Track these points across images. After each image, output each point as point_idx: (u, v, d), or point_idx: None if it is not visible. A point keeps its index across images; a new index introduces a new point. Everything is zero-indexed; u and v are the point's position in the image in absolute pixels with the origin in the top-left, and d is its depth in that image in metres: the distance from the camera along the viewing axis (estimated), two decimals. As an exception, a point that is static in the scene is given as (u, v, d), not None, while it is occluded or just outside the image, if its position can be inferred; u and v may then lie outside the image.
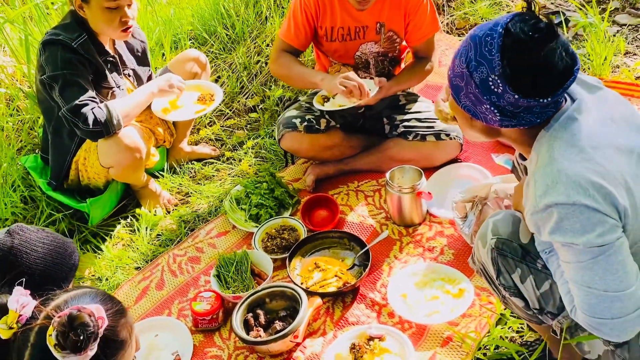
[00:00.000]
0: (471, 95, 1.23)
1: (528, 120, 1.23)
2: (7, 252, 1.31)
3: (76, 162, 2.39)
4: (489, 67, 1.18)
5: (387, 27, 2.34)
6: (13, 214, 2.45)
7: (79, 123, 2.15)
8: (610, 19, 3.22)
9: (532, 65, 1.17)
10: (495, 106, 1.21)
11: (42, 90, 2.27)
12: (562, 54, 1.17)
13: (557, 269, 1.32)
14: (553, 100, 1.21)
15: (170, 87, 2.41)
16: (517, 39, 1.16)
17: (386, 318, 1.91)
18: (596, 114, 1.27)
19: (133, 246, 2.38)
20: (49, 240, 1.35)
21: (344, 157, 2.51)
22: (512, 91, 1.18)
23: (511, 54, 1.16)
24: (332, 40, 2.38)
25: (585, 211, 1.16)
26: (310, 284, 2.01)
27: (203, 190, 2.60)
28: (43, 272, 1.31)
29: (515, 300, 1.44)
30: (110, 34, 2.29)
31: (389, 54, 2.43)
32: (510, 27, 1.17)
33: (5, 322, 1.06)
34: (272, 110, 2.99)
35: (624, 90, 2.65)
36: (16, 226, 1.37)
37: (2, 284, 1.25)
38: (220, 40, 3.22)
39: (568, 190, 1.17)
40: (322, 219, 2.34)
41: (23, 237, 1.34)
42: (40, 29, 2.84)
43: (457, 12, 3.48)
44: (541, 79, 1.17)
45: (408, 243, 2.16)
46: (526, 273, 1.38)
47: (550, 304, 1.38)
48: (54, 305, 1.09)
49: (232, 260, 2.10)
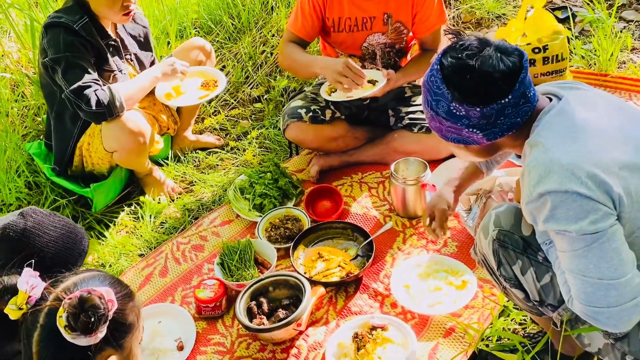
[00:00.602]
0: (449, 129, 1.33)
1: (509, 123, 1.29)
2: (20, 234, 1.31)
3: (80, 147, 2.39)
4: (444, 99, 1.30)
5: (395, 18, 2.34)
6: (17, 199, 2.46)
7: (82, 104, 2.15)
8: (617, 14, 3.21)
9: (474, 78, 1.25)
10: (471, 126, 1.29)
11: (45, 73, 2.27)
12: (498, 56, 1.25)
13: (555, 260, 1.33)
14: (517, 96, 1.25)
15: (173, 72, 2.41)
16: (450, 66, 1.28)
17: (389, 308, 1.92)
18: (585, 106, 1.30)
19: (137, 233, 2.38)
20: (61, 224, 1.36)
21: (349, 149, 2.51)
22: (472, 106, 1.26)
23: (452, 79, 1.28)
24: (340, 31, 2.37)
25: (578, 199, 1.18)
26: (314, 273, 2.02)
27: (207, 179, 2.60)
28: (54, 256, 1.31)
29: (516, 292, 1.45)
30: (112, 17, 2.29)
31: (396, 45, 2.43)
32: (442, 60, 1.30)
33: (15, 303, 1.07)
34: (276, 101, 2.99)
35: (629, 86, 2.65)
36: (29, 209, 1.37)
37: (13, 264, 1.25)
38: (226, 30, 3.22)
39: (561, 179, 1.19)
40: (325, 210, 2.34)
41: (36, 219, 1.34)
42: (45, 14, 2.83)
43: (463, 6, 3.47)
44: (488, 84, 1.25)
45: (411, 235, 2.17)
46: (527, 265, 1.39)
47: (550, 296, 1.39)
48: (64, 287, 1.10)
49: (236, 248, 2.11)
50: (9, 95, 2.74)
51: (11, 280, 1.10)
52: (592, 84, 2.72)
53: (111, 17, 2.29)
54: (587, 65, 2.85)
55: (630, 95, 2.60)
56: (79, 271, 1.17)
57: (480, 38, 1.30)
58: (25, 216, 1.34)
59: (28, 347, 1.08)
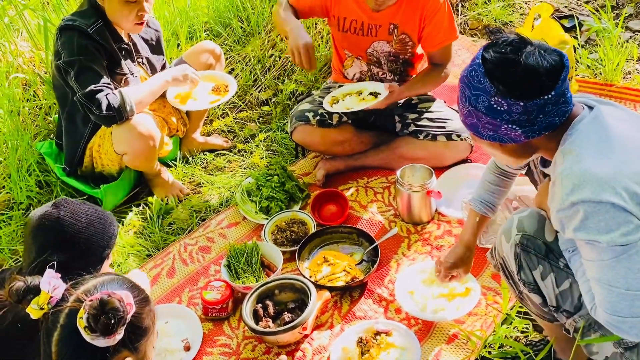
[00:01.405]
0: (487, 125, 1.32)
1: (547, 122, 1.28)
2: (55, 222, 1.41)
3: (90, 148, 2.42)
4: (485, 93, 1.28)
5: (400, 29, 2.36)
6: (28, 197, 2.49)
7: (93, 108, 2.19)
8: (624, 24, 3.23)
9: (518, 72, 1.25)
10: (511, 122, 1.28)
11: (58, 75, 2.30)
12: (541, 53, 1.26)
13: (579, 268, 1.35)
14: (558, 94, 1.26)
15: (184, 78, 2.44)
16: (494, 60, 1.28)
17: (393, 314, 1.95)
18: (616, 118, 1.32)
19: (145, 234, 2.41)
20: (91, 211, 1.45)
21: (355, 153, 2.54)
22: (515, 101, 1.26)
23: (496, 73, 1.27)
24: (345, 31, 2.40)
25: (611, 209, 1.20)
26: (319, 277, 2.05)
27: (214, 181, 2.63)
28: (87, 240, 1.39)
29: (533, 297, 1.47)
30: (125, 26, 2.33)
31: (401, 55, 2.45)
32: (484, 55, 1.29)
33: (37, 303, 1.10)
34: (284, 104, 3.02)
35: (634, 96, 2.67)
36: (61, 199, 1.47)
37: (50, 252, 1.32)
38: (235, 33, 3.25)
39: (596, 189, 1.20)
40: (331, 214, 2.37)
41: (68, 208, 1.44)
42: (58, 15, 2.87)
43: (470, 13, 3.49)
44: (533, 79, 1.25)
45: (416, 241, 2.19)
46: (547, 270, 1.41)
47: (567, 302, 1.42)
48: (84, 290, 1.13)
49: (243, 251, 2.14)
50: (20, 94, 2.78)
51: (34, 280, 1.14)
52: (597, 93, 2.74)
53: (125, 26, 2.33)
54: (592, 75, 2.87)
55: (635, 106, 2.62)
56: (99, 274, 1.20)
57: (521, 36, 1.30)
58: (58, 206, 1.44)
59: (47, 346, 1.11)
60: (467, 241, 1.81)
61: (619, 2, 3.43)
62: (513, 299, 1.82)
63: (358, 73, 2.56)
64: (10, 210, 2.50)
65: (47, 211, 1.43)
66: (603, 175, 1.21)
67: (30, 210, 2.49)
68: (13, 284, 1.14)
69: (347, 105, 2.32)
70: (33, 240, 1.41)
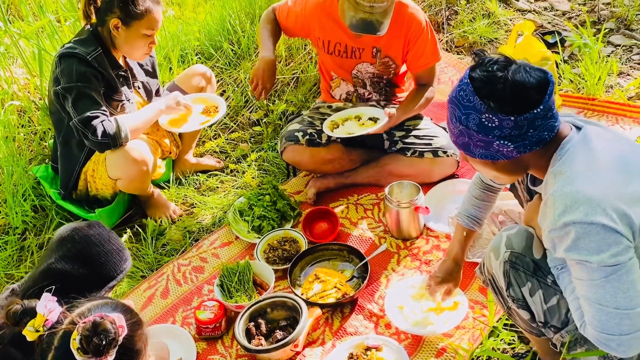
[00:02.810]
0: (479, 143, 1.35)
1: (538, 137, 1.32)
2: (83, 237, 1.48)
3: (85, 172, 2.47)
4: (476, 111, 1.31)
5: (384, 52, 2.43)
6: (24, 222, 2.53)
7: (88, 134, 2.24)
8: (605, 39, 3.31)
9: (507, 88, 1.29)
10: (503, 138, 1.32)
11: (55, 101, 2.35)
12: (526, 70, 1.31)
13: (567, 285, 1.38)
14: (546, 108, 1.30)
15: (177, 104, 2.50)
16: (482, 78, 1.31)
17: (383, 329, 1.98)
18: (602, 138, 1.36)
19: (139, 255, 2.45)
20: (115, 242, 1.53)
21: (344, 171, 2.59)
22: (506, 116, 1.29)
23: (485, 90, 1.30)
24: (329, 53, 2.47)
25: (602, 231, 1.23)
26: (311, 294, 2.08)
27: (207, 202, 2.67)
28: (101, 265, 1.45)
29: (522, 313, 1.50)
30: (134, 55, 2.41)
31: (384, 76, 2.52)
32: (472, 74, 1.33)
33: (33, 325, 1.14)
34: (275, 124, 3.07)
35: (616, 110, 2.73)
36: (95, 222, 1.56)
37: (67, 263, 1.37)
38: (226, 56, 3.32)
39: (587, 210, 1.24)
40: (322, 231, 2.41)
41: (98, 231, 1.51)
42: (52, 43, 2.93)
43: (456, 31, 3.57)
44: (521, 93, 1.29)
45: (405, 256, 2.23)
46: (536, 287, 1.44)
47: (555, 318, 1.45)
48: (79, 312, 1.17)
49: (235, 270, 2.17)
50: (15, 121, 2.83)
51: (30, 303, 1.17)
52: (580, 107, 2.80)
53: (134, 55, 2.41)
54: (575, 89, 2.93)
55: (617, 119, 2.68)
56: (93, 298, 1.24)
57: (505, 56, 1.35)
58: (91, 226, 1.51)
59: None
60: (455, 256, 1.85)
61: (601, 17, 3.52)
62: (499, 312, 1.86)
63: (344, 93, 2.62)
64: (5, 235, 2.54)
65: (80, 226, 1.51)
66: (594, 196, 1.25)
67: (27, 235, 2.53)
68: (11, 306, 1.18)
69: (348, 130, 2.38)
70: (57, 247, 1.45)
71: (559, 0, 3.81)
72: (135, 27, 2.28)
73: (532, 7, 3.74)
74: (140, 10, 2.25)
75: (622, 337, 1.26)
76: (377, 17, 2.16)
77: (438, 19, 3.66)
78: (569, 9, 3.69)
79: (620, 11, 3.49)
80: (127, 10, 2.24)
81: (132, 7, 2.24)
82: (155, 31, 2.34)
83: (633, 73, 3.07)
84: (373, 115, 2.44)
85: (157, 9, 2.31)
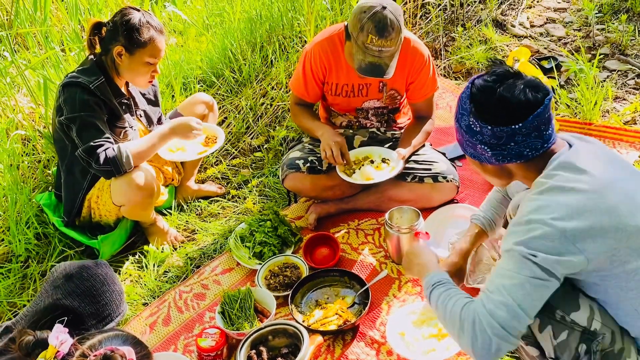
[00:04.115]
0: (468, 142, 1.48)
1: (517, 151, 1.40)
2: (91, 275, 1.55)
3: (89, 199, 2.49)
4: (466, 113, 1.45)
5: (389, 86, 2.48)
6: (27, 249, 2.54)
7: (93, 162, 2.27)
8: (601, 64, 3.37)
9: (493, 99, 1.40)
10: (484, 143, 1.43)
11: (59, 130, 2.39)
12: (522, 88, 1.38)
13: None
14: (529, 127, 1.37)
15: (186, 130, 2.49)
16: (479, 85, 1.44)
17: (385, 356, 1.97)
18: (589, 158, 1.42)
19: (141, 282, 2.46)
20: (119, 285, 1.56)
21: (345, 196, 2.61)
22: (485, 124, 1.40)
23: (476, 97, 1.44)
24: (337, 95, 2.52)
25: (558, 237, 1.31)
26: (312, 321, 2.08)
27: (209, 228, 2.69)
28: (104, 305, 1.48)
29: (530, 350, 1.51)
30: (137, 83, 2.45)
31: (390, 106, 2.57)
32: (475, 80, 1.46)
33: (44, 357, 1.15)
34: (276, 150, 3.11)
35: (613, 134, 2.76)
36: (104, 262, 1.62)
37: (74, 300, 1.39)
38: (228, 83, 3.37)
39: (554, 215, 1.32)
40: (323, 257, 2.42)
41: (104, 271, 1.59)
42: (57, 72, 2.99)
43: (453, 57, 3.63)
44: (503, 108, 1.38)
45: (406, 282, 2.24)
46: (545, 323, 1.45)
47: (565, 354, 1.45)
48: (89, 345, 1.19)
49: (236, 297, 2.18)
50: (20, 149, 2.86)
51: (42, 334, 1.19)
52: (577, 132, 2.84)
53: (136, 83, 2.45)
54: (572, 114, 2.97)
55: (614, 143, 2.71)
56: (104, 330, 1.26)
57: (514, 70, 1.44)
58: (99, 265, 1.56)
59: None
60: (460, 249, 1.90)
61: (595, 42, 3.58)
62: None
63: (345, 121, 2.66)
64: (8, 263, 2.55)
65: (89, 264, 1.55)
66: (566, 206, 1.33)
67: (29, 262, 2.54)
68: (23, 337, 1.20)
69: (367, 176, 2.38)
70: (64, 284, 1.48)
71: (554, 26, 3.89)
72: (138, 55, 2.33)
73: (528, 33, 3.81)
74: (144, 38, 2.31)
75: (491, 338, 1.32)
76: (385, 60, 2.22)
77: (436, 46, 3.73)
78: (564, 35, 3.76)
79: (614, 36, 3.56)
80: (131, 38, 2.30)
81: (136, 36, 2.30)
82: (158, 59, 2.39)
83: (629, 98, 3.11)
84: (385, 156, 2.47)
85: (160, 38, 2.37)
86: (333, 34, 2.41)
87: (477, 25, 3.88)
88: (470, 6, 3.99)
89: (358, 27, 2.17)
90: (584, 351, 1.42)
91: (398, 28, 2.17)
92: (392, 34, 2.15)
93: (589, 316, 1.42)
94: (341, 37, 2.37)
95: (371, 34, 2.14)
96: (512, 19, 3.97)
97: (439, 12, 3.82)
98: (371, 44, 2.16)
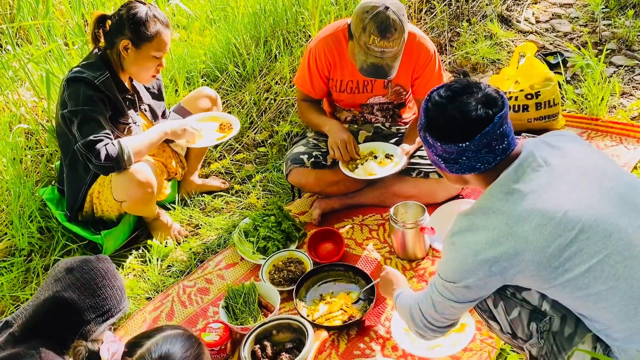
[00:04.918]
0: (428, 151, 1.52)
1: (469, 165, 1.43)
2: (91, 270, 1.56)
3: (91, 194, 2.48)
4: (421, 127, 1.49)
5: (395, 82, 2.46)
6: (30, 243, 2.53)
7: (92, 157, 2.26)
8: (607, 60, 3.34)
9: (443, 117, 1.42)
10: (437, 155, 1.47)
11: (62, 124, 2.38)
12: (475, 105, 1.39)
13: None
14: (478, 145, 1.38)
15: (183, 132, 2.49)
16: (433, 101, 1.46)
17: (390, 351, 1.96)
18: (542, 174, 1.39)
19: (144, 276, 2.45)
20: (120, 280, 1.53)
21: (349, 192, 2.60)
22: (436, 140, 1.43)
23: (430, 112, 1.46)
24: (342, 92, 2.50)
25: (480, 266, 1.38)
26: (316, 316, 2.07)
27: (212, 222, 2.68)
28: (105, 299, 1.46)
29: (493, 324, 1.57)
30: (141, 77, 2.44)
31: (395, 101, 2.55)
32: (432, 93, 1.47)
33: None
34: (280, 145, 3.09)
35: (620, 130, 2.74)
36: (105, 257, 1.63)
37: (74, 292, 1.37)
38: (231, 78, 3.36)
39: (471, 246, 1.40)
40: (327, 252, 2.41)
41: (105, 265, 1.59)
42: (60, 66, 2.97)
43: (458, 52, 3.61)
44: (453, 126, 1.40)
45: (411, 277, 2.23)
46: (497, 299, 1.51)
47: (519, 329, 1.49)
48: (139, 354, 1.18)
49: (240, 292, 2.17)
50: (23, 143, 2.85)
51: (94, 346, 1.19)
52: (583, 128, 2.82)
53: (141, 77, 2.43)
54: (578, 110, 2.95)
55: (621, 139, 2.69)
56: (152, 333, 1.25)
57: (472, 83, 1.43)
58: (100, 260, 1.51)
59: None
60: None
61: (602, 38, 3.55)
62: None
63: (350, 117, 2.64)
64: (11, 256, 2.54)
65: (89, 258, 1.53)
66: (487, 234, 1.39)
67: (32, 256, 2.53)
68: (78, 348, 1.20)
69: (370, 172, 2.37)
70: (64, 277, 1.46)
71: (560, 21, 3.86)
72: (145, 49, 2.31)
73: (534, 29, 3.79)
74: (151, 32, 2.29)
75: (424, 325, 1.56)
76: (388, 61, 2.20)
77: (441, 41, 3.71)
78: (570, 30, 3.74)
79: (621, 32, 3.53)
80: (138, 32, 2.28)
81: (143, 29, 2.28)
82: (163, 53, 2.37)
83: (636, 93, 3.09)
84: (389, 152, 2.45)
85: (166, 31, 2.35)
86: (337, 30, 2.38)
87: (482, 20, 3.85)
88: (475, 1, 3.96)
89: (360, 27, 2.15)
90: (535, 329, 1.46)
91: (401, 29, 2.14)
92: (394, 35, 2.12)
93: (540, 297, 1.46)
94: (345, 34, 2.35)
95: (373, 34, 2.12)
96: (517, 14, 3.94)
97: (444, 7, 3.79)
98: (373, 45, 2.14)
